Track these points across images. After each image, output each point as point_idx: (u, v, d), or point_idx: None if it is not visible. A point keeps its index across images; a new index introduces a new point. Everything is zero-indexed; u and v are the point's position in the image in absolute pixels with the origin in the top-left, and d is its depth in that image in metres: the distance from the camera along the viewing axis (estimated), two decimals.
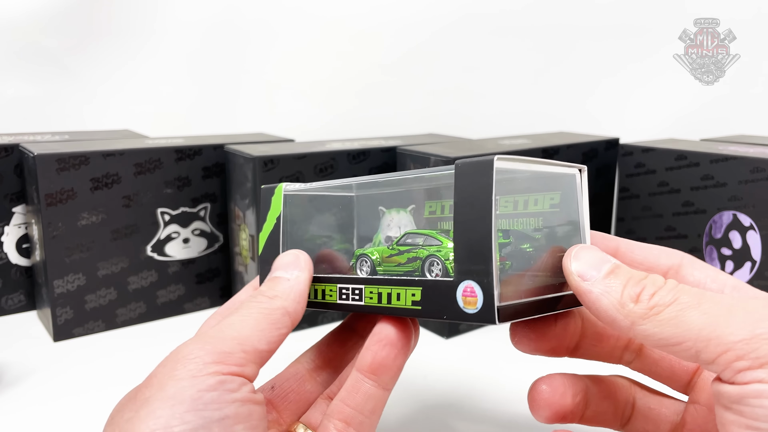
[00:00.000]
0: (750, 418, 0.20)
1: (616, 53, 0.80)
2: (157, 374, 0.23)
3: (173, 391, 0.22)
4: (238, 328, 0.25)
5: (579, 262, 0.24)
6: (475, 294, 0.23)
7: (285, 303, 0.27)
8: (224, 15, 0.82)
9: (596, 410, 0.28)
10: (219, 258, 0.56)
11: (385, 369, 0.26)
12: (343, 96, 0.85)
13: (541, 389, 0.28)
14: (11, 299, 0.55)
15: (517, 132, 0.76)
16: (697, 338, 0.21)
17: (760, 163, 0.46)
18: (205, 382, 0.22)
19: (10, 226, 0.54)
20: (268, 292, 0.28)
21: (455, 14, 0.82)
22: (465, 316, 0.24)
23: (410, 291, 0.26)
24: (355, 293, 0.28)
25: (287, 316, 0.27)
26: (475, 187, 0.23)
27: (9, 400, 0.41)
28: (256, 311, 0.26)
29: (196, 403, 0.22)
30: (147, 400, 0.22)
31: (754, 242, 0.47)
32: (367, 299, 0.28)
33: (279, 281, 0.28)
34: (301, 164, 0.50)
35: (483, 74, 0.84)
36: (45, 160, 0.47)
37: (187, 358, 0.23)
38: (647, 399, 0.29)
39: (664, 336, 0.21)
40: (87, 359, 0.47)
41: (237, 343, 0.24)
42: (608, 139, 0.60)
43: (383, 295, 0.27)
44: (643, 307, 0.22)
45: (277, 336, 0.26)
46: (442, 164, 0.48)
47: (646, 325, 0.22)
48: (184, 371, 0.23)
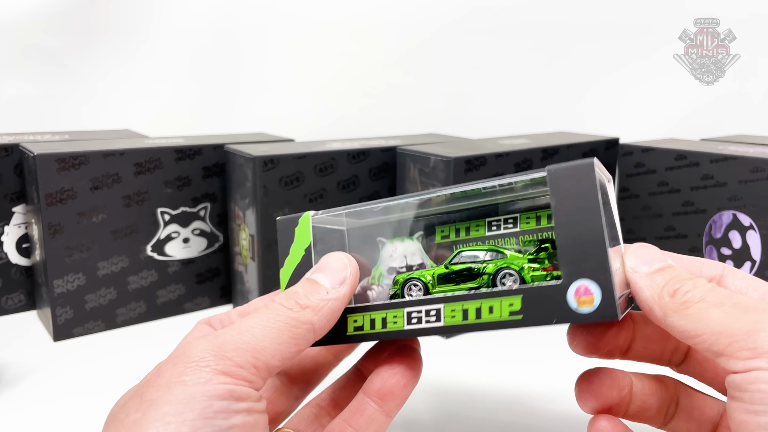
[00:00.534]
0: (749, 403, 0.21)
1: (616, 53, 0.80)
2: (164, 374, 0.23)
3: (182, 396, 0.22)
4: (258, 336, 0.24)
5: (635, 256, 0.26)
6: (590, 292, 0.23)
7: (314, 318, 0.25)
8: (224, 15, 0.82)
9: (641, 406, 0.29)
10: (219, 258, 0.56)
11: (392, 396, 0.27)
12: (343, 96, 0.85)
13: (590, 380, 0.28)
14: (11, 299, 0.55)
15: (517, 132, 0.76)
16: (712, 332, 0.22)
17: (759, 162, 0.46)
18: (215, 391, 0.22)
19: (10, 226, 0.54)
20: (301, 300, 0.26)
21: (455, 14, 0.82)
22: (578, 317, 0.23)
23: (507, 301, 0.24)
24: (430, 315, 0.25)
25: (311, 333, 0.25)
26: (577, 189, 0.24)
27: (9, 399, 0.41)
28: (283, 321, 0.25)
29: (206, 411, 0.22)
30: (155, 402, 0.22)
31: (754, 242, 0.47)
32: (448, 318, 0.25)
33: (318, 290, 0.26)
34: (301, 164, 0.50)
35: (483, 74, 0.84)
36: (45, 159, 0.47)
37: (198, 365, 0.22)
38: (691, 399, 0.29)
39: (687, 329, 0.23)
40: (87, 359, 0.47)
41: (251, 355, 0.23)
42: (608, 139, 0.60)
43: (470, 311, 0.25)
44: (677, 302, 0.24)
45: (294, 352, 0.25)
46: (442, 164, 0.48)
47: (674, 317, 0.24)
48: (193, 378, 0.22)
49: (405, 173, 0.53)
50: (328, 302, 0.26)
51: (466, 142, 0.58)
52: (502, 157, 0.51)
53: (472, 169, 0.49)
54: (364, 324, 0.27)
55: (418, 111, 0.84)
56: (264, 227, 0.50)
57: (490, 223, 0.27)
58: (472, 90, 0.84)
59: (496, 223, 0.27)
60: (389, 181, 0.55)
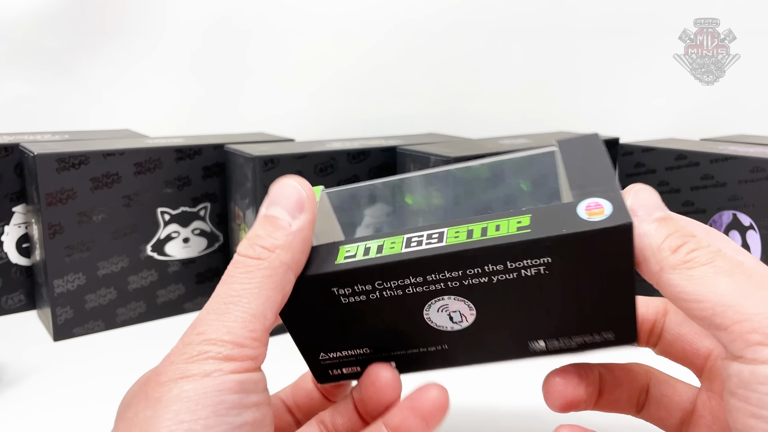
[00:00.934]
0: (757, 406, 0.19)
1: (616, 53, 0.80)
2: (167, 371, 0.22)
3: (193, 393, 0.21)
4: (244, 306, 0.22)
5: (636, 198, 0.24)
6: (601, 206, 0.22)
7: (285, 257, 0.23)
8: (224, 15, 0.82)
9: (610, 398, 0.28)
10: (219, 258, 0.56)
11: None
12: (343, 96, 0.85)
13: (555, 381, 0.27)
14: (11, 299, 0.55)
15: (517, 132, 0.76)
16: (718, 301, 0.20)
17: (759, 162, 0.46)
18: (225, 384, 0.21)
19: (10, 226, 0.54)
20: (265, 243, 0.23)
21: (455, 14, 0.82)
22: (590, 225, 0.22)
23: (515, 219, 0.23)
24: (432, 237, 0.23)
25: (290, 272, 0.23)
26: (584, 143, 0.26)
27: (9, 399, 0.41)
28: (258, 276, 0.23)
29: (219, 408, 0.21)
30: (162, 399, 0.21)
31: (754, 242, 0.47)
32: (451, 239, 0.23)
33: (277, 225, 0.24)
34: (301, 164, 0.50)
35: (483, 74, 0.84)
36: (45, 159, 0.47)
37: (198, 359, 0.22)
38: (661, 386, 0.29)
39: (688, 290, 0.21)
40: (87, 359, 0.47)
41: (247, 330, 0.22)
42: (608, 139, 0.60)
43: (476, 230, 0.23)
44: (679, 258, 0.22)
45: (282, 298, 0.23)
46: (442, 164, 0.48)
47: (673, 275, 0.22)
48: (199, 370, 0.21)
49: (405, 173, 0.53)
50: (295, 235, 0.24)
51: (466, 142, 0.58)
52: None
53: None
54: (357, 252, 0.24)
55: (418, 111, 0.84)
56: None
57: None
58: (472, 90, 0.84)
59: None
60: None
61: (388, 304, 0.25)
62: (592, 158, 0.25)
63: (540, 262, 0.23)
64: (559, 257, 0.23)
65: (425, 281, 0.24)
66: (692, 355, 0.28)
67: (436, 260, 0.23)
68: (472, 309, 0.25)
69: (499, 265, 0.23)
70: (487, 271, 0.23)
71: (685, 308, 0.22)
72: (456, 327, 0.26)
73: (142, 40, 0.81)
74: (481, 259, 0.23)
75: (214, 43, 0.82)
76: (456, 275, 0.24)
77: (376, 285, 0.24)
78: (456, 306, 0.25)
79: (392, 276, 0.24)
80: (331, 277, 0.24)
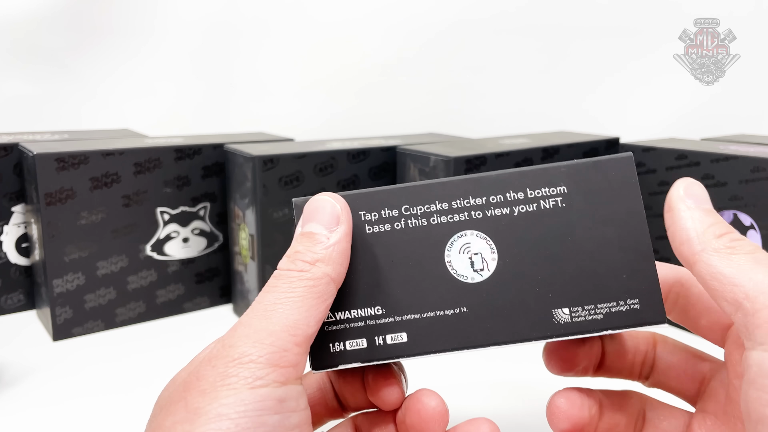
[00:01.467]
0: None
1: (616, 53, 0.80)
2: (206, 375, 0.21)
3: (233, 412, 0.20)
4: (286, 312, 0.22)
5: (689, 188, 0.25)
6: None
7: (327, 269, 0.24)
8: (224, 14, 0.82)
9: (609, 422, 0.29)
10: (218, 257, 0.56)
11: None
12: (343, 95, 0.85)
13: (560, 402, 0.28)
14: (10, 299, 0.55)
15: (517, 132, 0.76)
16: (753, 288, 0.21)
17: (760, 162, 0.46)
18: (266, 402, 0.21)
19: (10, 226, 0.53)
20: (306, 257, 0.24)
21: (455, 14, 0.82)
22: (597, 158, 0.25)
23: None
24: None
25: (332, 284, 0.24)
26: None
27: (8, 399, 0.41)
28: (300, 286, 0.23)
29: (259, 430, 0.20)
30: (201, 414, 0.20)
31: (755, 242, 0.47)
32: None
33: (316, 240, 0.25)
34: (301, 164, 0.50)
35: (483, 74, 0.84)
36: (44, 159, 0.47)
37: (240, 361, 0.21)
38: (656, 411, 0.29)
39: (725, 272, 0.22)
40: (86, 359, 0.47)
41: (288, 334, 0.22)
42: (608, 139, 0.60)
43: None
44: (722, 243, 0.23)
45: (324, 309, 0.24)
46: (442, 164, 0.48)
47: (714, 256, 0.23)
48: (238, 379, 0.21)
49: (405, 173, 0.53)
50: (334, 247, 0.24)
51: (466, 141, 0.58)
52: (502, 157, 0.51)
53: (473, 168, 0.49)
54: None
55: (418, 111, 0.84)
56: (264, 227, 0.49)
57: None
58: (472, 89, 0.84)
59: None
60: (389, 181, 0.55)
61: (411, 238, 0.26)
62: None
63: (557, 192, 0.25)
64: (575, 186, 0.25)
65: (450, 209, 0.25)
66: (686, 379, 0.29)
67: (462, 184, 0.25)
68: (494, 251, 0.26)
69: (520, 192, 0.25)
70: (509, 200, 0.25)
71: (716, 288, 0.22)
72: (477, 278, 0.26)
73: (141, 41, 0.81)
74: (503, 185, 0.25)
75: (214, 43, 0.82)
76: (480, 203, 0.25)
77: (402, 210, 0.25)
78: (478, 246, 0.26)
79: (419, 200, 0.25)
80: (360, 198, 0.25)
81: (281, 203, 0.50)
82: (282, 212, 0.50)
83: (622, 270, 0.26)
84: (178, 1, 0.81)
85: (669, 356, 0.29)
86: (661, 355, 0.29)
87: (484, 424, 0.26)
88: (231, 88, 0.84)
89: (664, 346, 0.30)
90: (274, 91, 0.85)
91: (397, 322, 0.26)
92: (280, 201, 0.50)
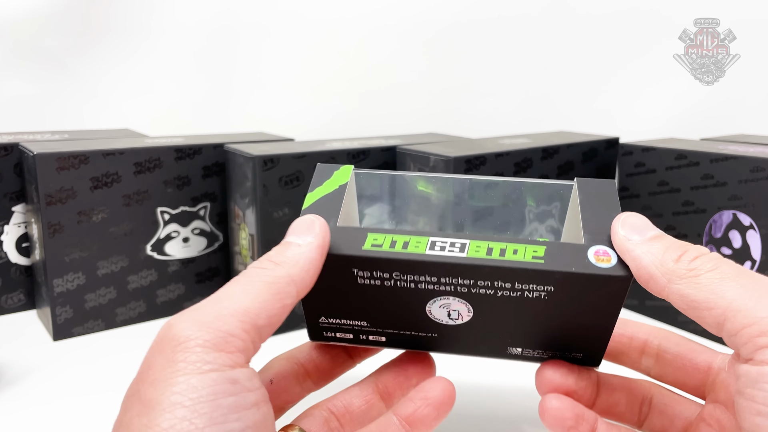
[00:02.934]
0: (762, 404, 0.20)
1: (616, 53, 0.80)
2: (153, 365, 0.21)
3: (180, 398, 0.20)
4: (237, 299, 0.23)
5: (626, 225, 0.26)
6: (608, 255, 0.26)
7: (291, 270, 0.24)
8: (224, 14, 0.82)
9: (608, 401, 0.29)
10: (219, 257, 0.56)
11: (422, 426, 0.27)
12: (343, 95, 0.85)
13: (545, 369, 0.29)
14: (11, 298, 0.55)
15: (517, 131, 0.76)
16: (728, 307, 0.21)
17: (759, 162, 0.46)
18: (218, 386, 0.20)
19: (10, 225, 0.53)
20: (274, 258, 0.25)
21: (455, 14, 0.82)
22: (597, 269, 0.25)
23: (531, 248, 0.26)
24: (455, 246, 0.26)
25: (292, 285, 0.24)
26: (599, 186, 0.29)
27: (9, 399, 0.41)
28: (258, 279, 0.24)
29: (215, 414, 0.20)
30: (155, 405, 0.20)
31: (754, 242, 0.47)
32: (472, 251, 0.26)
33: (288, 246, 0.26)
34: (301, 163, 0.50)
35: (483, 74, 0.84)
36: (45, 159, 0.47)
37: (186, 346, 0.21)
38: (664, 397, 0.29)
39: (698, 298, 0.22)
40: (87, 358, 0.47)
41: (236, 319, 0.22)
42: (608, 139, 0.60)
43: (495, 249, 0.26)
44: (683, 267, 0.23)
45: (279, 308, 0.24)
46: (442, 163, 0.48)
47: (682, 284, 0.23)
48: (187, 364, 0.20)
49: None
50: (302, 253, 0.25)
51: (466, 141, 0.58)
52: (502, 157, 0.51)
53: (472, 168, 0.49)
54: (384, 243, 0.27)
55: (418, 111, 0.84)
56: (264, 226, 0.50)
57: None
58: (472, 89, 0.84)
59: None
60: None
61: (397, 292, 0.27)
62: (606, 204, 0.28)
63: (544, 290, 0.26)
64: (561, 289, 0.26)
65: (438, 282, 0.27)
66: (692, 369, 0.29)
67: (456, 268, 0.26)
68: (470, 311, 0.28)
69: (508, 283, 0.26)
70: (496, 286, 0.26)
71: (696, 316, 0.22)
72: (450, 323, 0.28)
73: (142, 40, 0.81)
74: (494, 276, 0.26)
75: (214, 43, 0.82)
76: (467, 283, 0.26)
77: (393, 275, 0.27)
78: (457, 306, 0.27)
79: (411, 271, 0.26)
80: (356, 260, 0.27)
81: (281, 203, 0.50)
82: (282, 212, 0.50)
83: (579, 341, 0.28)
84: (178, 1, 0.81)
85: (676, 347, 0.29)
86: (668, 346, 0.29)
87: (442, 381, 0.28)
88: (231, 88, 0.84)
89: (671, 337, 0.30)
90: (274, 91, 0.85)
91: (379, 331, 0.30)
92: (280, 201, 0.50)
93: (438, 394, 0.27)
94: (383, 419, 0.28)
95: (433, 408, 0.27)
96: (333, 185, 0.30)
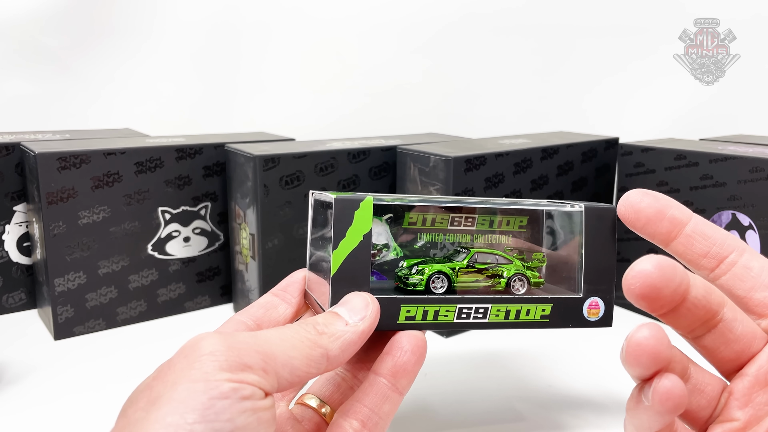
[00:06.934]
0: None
1: (615, 53, 0.80)
2: (173, 366, 0.22)
3: (185, 394, 0.21)
4: (273, 344, 0.24)
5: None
6: (598, 306, 0.32)
7: (330, 345, 0.26)
8: (225, 15, 0.82)
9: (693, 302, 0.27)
10: (219, 257, 0.57)
11: (404, 373, 0.28)
12: (343, 95, 0.85)
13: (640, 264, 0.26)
14: (12, 297, 0.55)
15: (517, 132, 0.76)
16: None
17: (759, 162, 0.46)
18: (218, 389, 0.21)
19: (11, 225, 0.54)
20: (320, 325, 0.26)
21: (456, 14, 0.82)
22: (587, 323, 0.32)
23: (540, 307, 0.31)
24: (479, 312, 0.31)
25: (325, 360, 0.25)
26: (602, 229, 0.32)
27: (10, 398, 0.41)
28: (298, 339, 0.25)
29: (207, 413, 0.21)
30: (157, 400, 0.21)
31: (753, 242, 0.47)
32: (493, 317, 0.31)
33: (337, 320, 0.27)
34: (302, 163, 0.51)
35: (483, 74, 0.84)
36: (46, 158, 0.47)
37: (204, 356, 0.22)
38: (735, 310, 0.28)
39: None
40: (87, 358, 0.47)
41: (261, 358, 0.23)
42: (608, 139, 0.60)
43: (512, 312, 0.31)
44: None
45: (305, 372, 0.25)
46: (442, 163, 0.48)
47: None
48: (198, 372, 0.21)
49: (405, 173, 0.53)
50: (346, 333, 0.26)
51: (466, 141, 0.58)
52: (502, 157, 0.51)
53: (472, 168, 0.49)
54: (417, 314, 0.30)
55: (418, 110, 0.84)
56: (264, 226, 0.50)
57: (453, 218, 0.33)
58: (472, 89, 0.84)
59: (457, 219, 0.33)
60: (389, 181, 0.56)
61: None
62: (605, 243, 0.32)
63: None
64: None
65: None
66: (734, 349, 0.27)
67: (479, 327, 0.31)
68: None
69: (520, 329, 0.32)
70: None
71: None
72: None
73: (143, 40, 0.81)
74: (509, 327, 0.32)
75: (215, 43, 0.83)
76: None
77: None
78: None
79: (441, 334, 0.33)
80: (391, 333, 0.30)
81: (282, 203, 0.50)
82: (282, 212, 0.50)
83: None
84: (180, 2, 0.81)
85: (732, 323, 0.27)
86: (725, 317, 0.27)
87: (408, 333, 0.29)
88: (232, 88, 0.84)
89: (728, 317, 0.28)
90: (275, 91, 0.85)
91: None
92: (280, 201, 0.50)
93: (411, 340, 0.28)
94: (367, 381, 0.28)
95: (411, 353, 0.28)
96: (357, 235, 0.29)
